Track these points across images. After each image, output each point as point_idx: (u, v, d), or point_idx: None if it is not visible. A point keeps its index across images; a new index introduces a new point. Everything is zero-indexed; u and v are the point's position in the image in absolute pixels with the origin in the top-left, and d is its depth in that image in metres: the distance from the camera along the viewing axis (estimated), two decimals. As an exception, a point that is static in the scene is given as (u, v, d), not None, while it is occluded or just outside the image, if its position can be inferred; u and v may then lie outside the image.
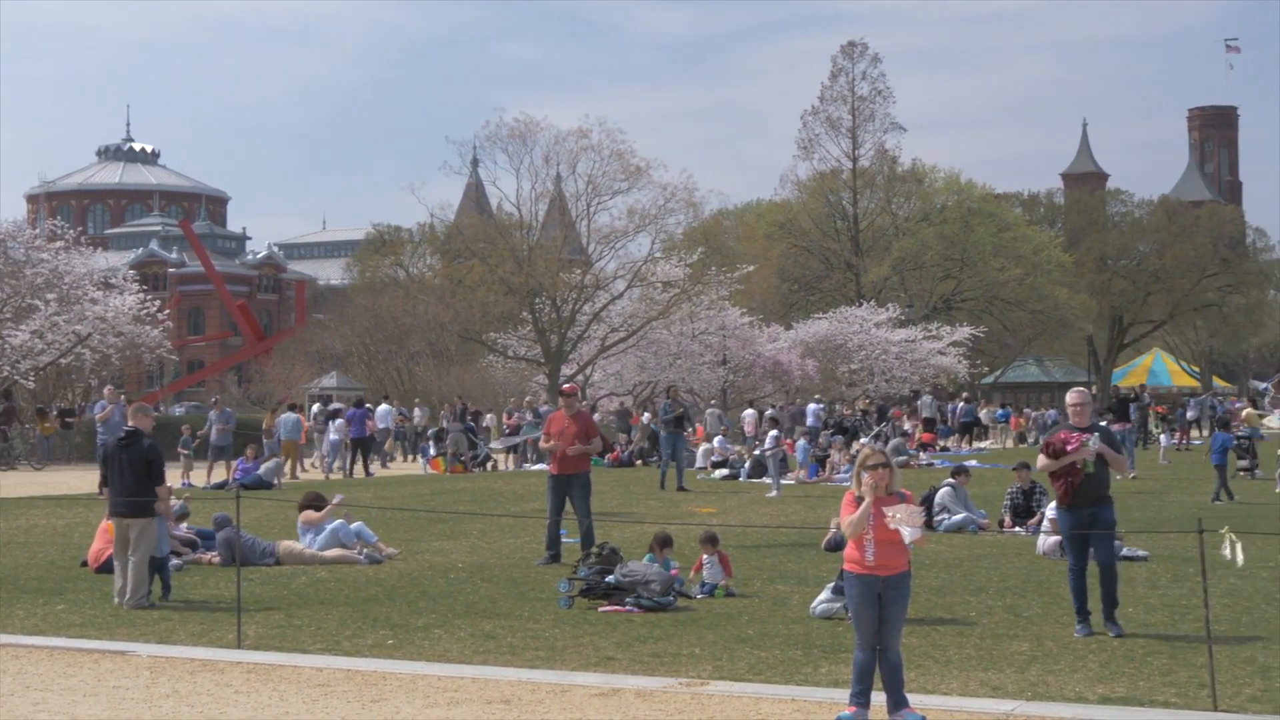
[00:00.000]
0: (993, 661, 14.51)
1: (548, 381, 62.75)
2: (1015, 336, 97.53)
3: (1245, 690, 13.19)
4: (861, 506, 12.10)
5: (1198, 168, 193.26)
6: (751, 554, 23.34)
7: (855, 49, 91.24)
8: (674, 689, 13.33)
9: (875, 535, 12.01)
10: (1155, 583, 20.21)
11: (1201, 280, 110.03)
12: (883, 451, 12.40)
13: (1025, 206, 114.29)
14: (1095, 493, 16.32)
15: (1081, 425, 16.39)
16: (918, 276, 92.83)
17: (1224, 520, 19.18)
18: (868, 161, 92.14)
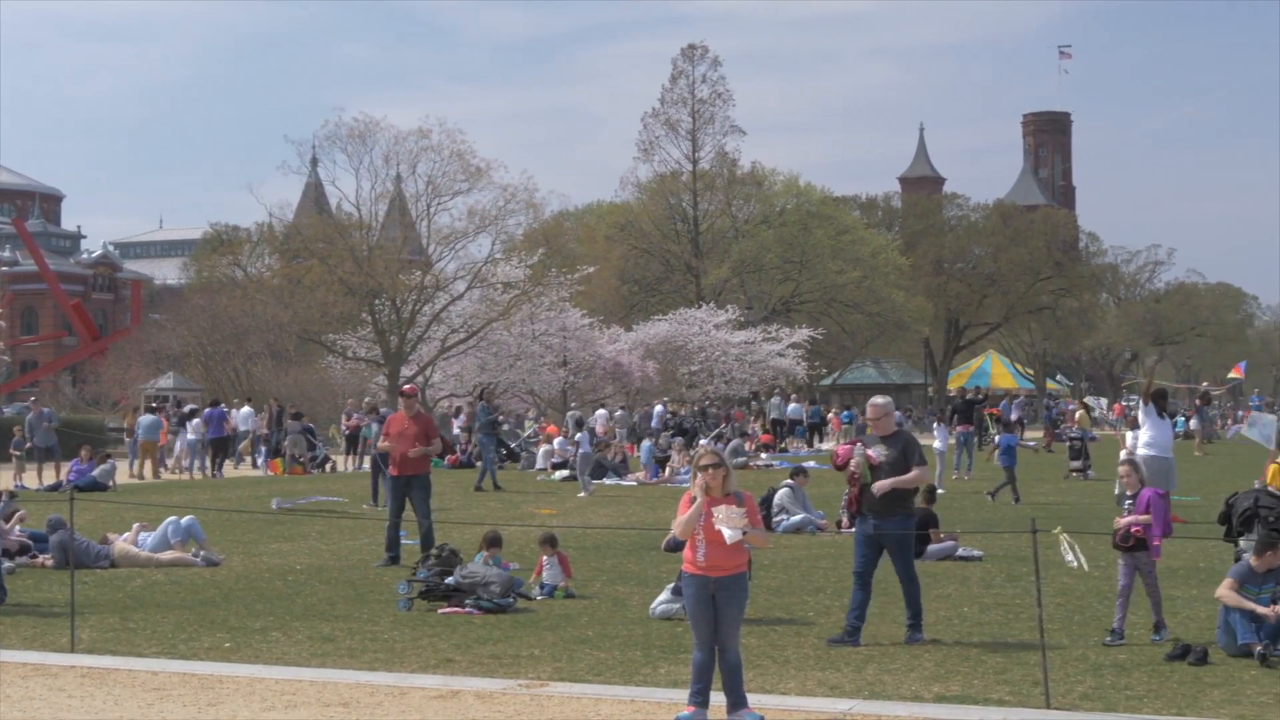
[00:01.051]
0: (830, 661, 14.64)
1: (387, 383, 62.43)
2: (853, 338, 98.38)
3: (1077, 688, 13.41)
4: (693, 507, 12.15)
5: (1032, 173, 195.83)
6: (591, 555, 23.38)
7: (695, 52, 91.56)
8: (513, 690, 13.33)
9: (706, 536, 12.05)
10: (990, 582, 20.48)
11: (1036, 283, 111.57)
12: (715, 452, 12.43)
13: (863, 210, 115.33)
14: (878, 502, 15.85)
15: (883, 434, 16.07)
16: (757, 279, 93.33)
17: (1057, 521, 19.50)
18: (708, 164, 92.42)
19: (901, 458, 15.80)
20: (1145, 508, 15.61)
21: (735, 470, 12.54)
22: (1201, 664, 14.37)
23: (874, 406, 16.46)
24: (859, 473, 15.89)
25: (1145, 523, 15.51)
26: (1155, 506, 15.61)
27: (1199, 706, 12.73)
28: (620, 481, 42.19)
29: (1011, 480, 33.98)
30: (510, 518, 29.90)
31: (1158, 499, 15.71)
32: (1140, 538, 15.53)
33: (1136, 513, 15.68)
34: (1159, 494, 15.87)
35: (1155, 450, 29.72)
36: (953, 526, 25.32)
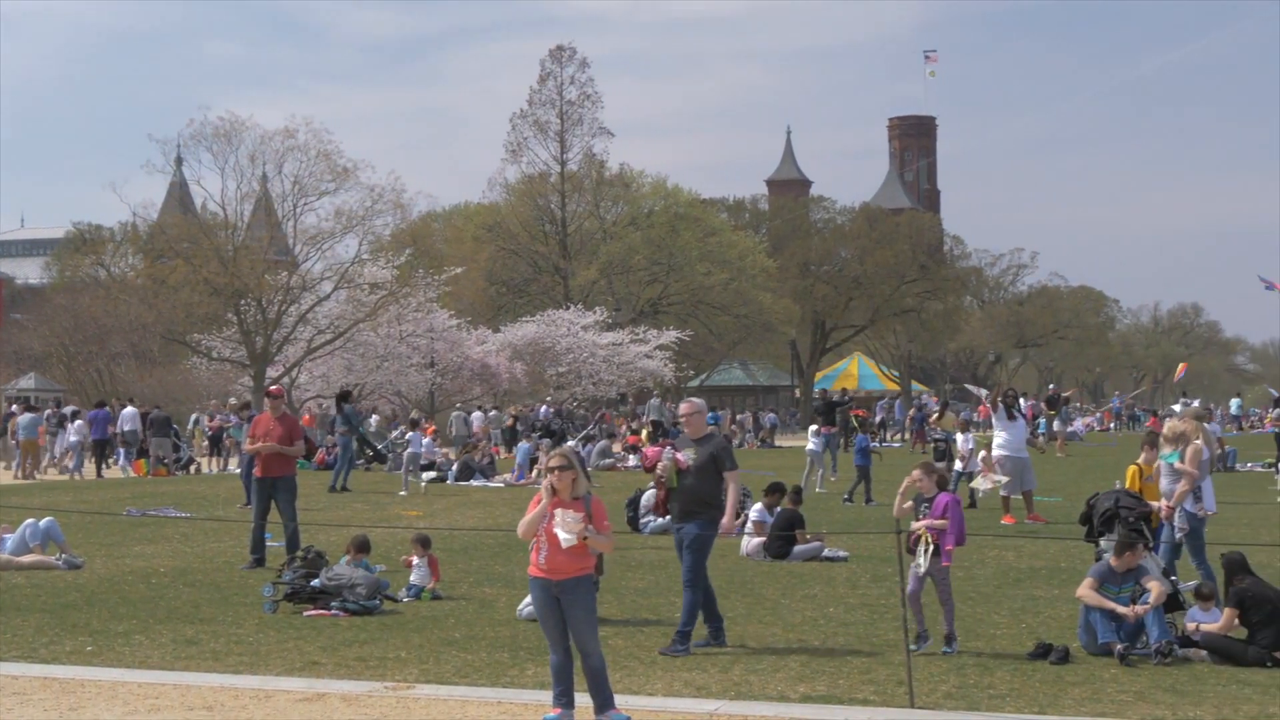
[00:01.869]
0: (697, 662, 14.69)
1: (253, 383, 61.96)
2: (720, 340, 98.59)
3: (941, 687, 13.54)
4: (537, 509, 12.15)
5: (898, 176, 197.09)
6: (459, 557, 23.33)
7: (564, 53, 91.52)
8: (379, 693, 13.28)
9: (549, 539, 12.03)
10: (855, 583, 20.62)
11: (901, 286, 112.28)
12: (564, 453, 12.39)
13: (731, 212, 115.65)
14: (682, 506, 15.61)
15: (695, 436, 15.75)
16: (625, 280, 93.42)
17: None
18: (576, 165, 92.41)
19: (710, 462, 15.52)
20: (941, 512, 15.35)
21: (604, 472, 12.49)
22: (1063, 663, 14.55)
23: (687, 405, 16.18)
24: (666, 476, 15.81)
25: (940, 527, 15.24)
26: (951, 512, 15.40)
27: (1060, 705, 12.89)
28: (488, 483, 42.10)
29: (865, 481, 34.22)
30: (377, 519, 29.79)
31: (954, 505, 15.52)
32: (934, 543, 15.25)
33: (932, 517, 15.37)
34: (956, 500, 15.68)
35: (1008, 450, 30.20)
36: (819, 527, 25.46)
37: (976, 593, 19.53)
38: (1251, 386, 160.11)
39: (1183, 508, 18.00)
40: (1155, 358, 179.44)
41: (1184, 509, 18.01)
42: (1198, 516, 18.09)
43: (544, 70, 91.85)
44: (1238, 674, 14.15)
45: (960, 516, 15.53)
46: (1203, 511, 18.32)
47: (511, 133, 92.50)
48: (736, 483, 15.73)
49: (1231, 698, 13.17)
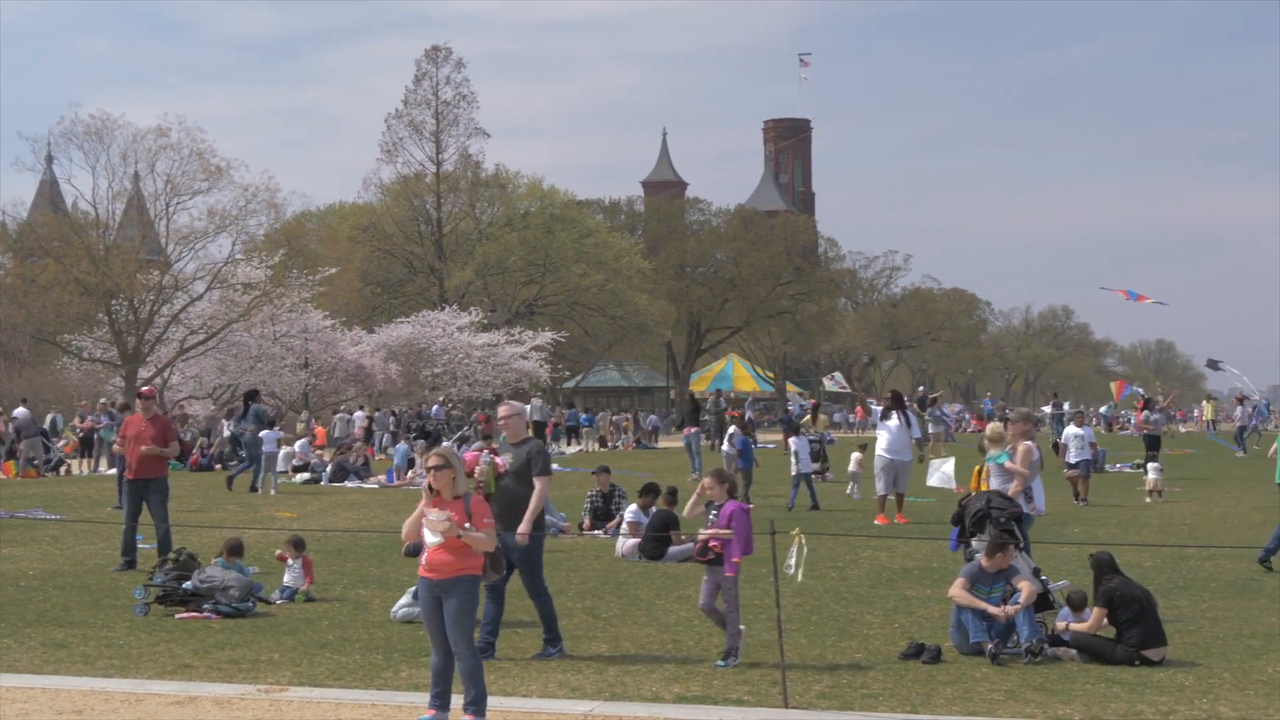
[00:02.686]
0: (572, 663, 14.70)
1: (124, 384, 61.29)
2: (596, 341, 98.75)
3: (815, 687, 13.62)
4: (417, 509, 12.14)
5: (773, 178, 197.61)
6: (333, 559, 23.21)
7: (439, 53, 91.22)
8: (252, 695, 13.19)
9: (430, 539, 12.04)
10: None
11: (776, 288, 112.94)
12: (442, 453, 12.36)
13: (606, 214, 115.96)
14: (500, 510, 14.97)
15: (514, 440, 15.53)
16: (501, 281, 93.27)
17: (796, 523, 19.78)
18: (451, 166, 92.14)
19: (526, 466, 15.28)
20: (726, 522, 14.88)
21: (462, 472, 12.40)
22: (935, 662, 14.68)
23: (505, 407, 15.97)
24: (484, 480, 15.70)
25: (725, 537, 14.78)
26: (738, 522, 14.92)
27: (932, 704, 13.01)
28: (362, 485, 41.91)
29: (747, 482, 34.30)
30: (250, 521, 29.58)
31: (741, 513, 15.02)
32: (719, 552, 14.86)
33: (718, 526, 14.94)
34: (743, 508, 15.17)
35: (891, 454, 30.42)
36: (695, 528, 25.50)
37: (850, 593, 19.67)
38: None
39: None
40: (1026, 359, 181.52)
41: None
42: (1029, 516, 18.13)
43: (419, 71, 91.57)
44: (1106, 672, 14.32)
45: (747, 525, 15.08)
46: (1034, 511, 18.47)
47: (387, 133, 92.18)
48: (544, 489, 15.30)
49: (1100, 696, 13.33)
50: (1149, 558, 23.19)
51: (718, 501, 15.13)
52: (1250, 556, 23.24)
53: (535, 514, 15.28)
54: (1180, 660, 14.86)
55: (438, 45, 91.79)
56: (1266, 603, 18.90)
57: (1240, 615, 17.79)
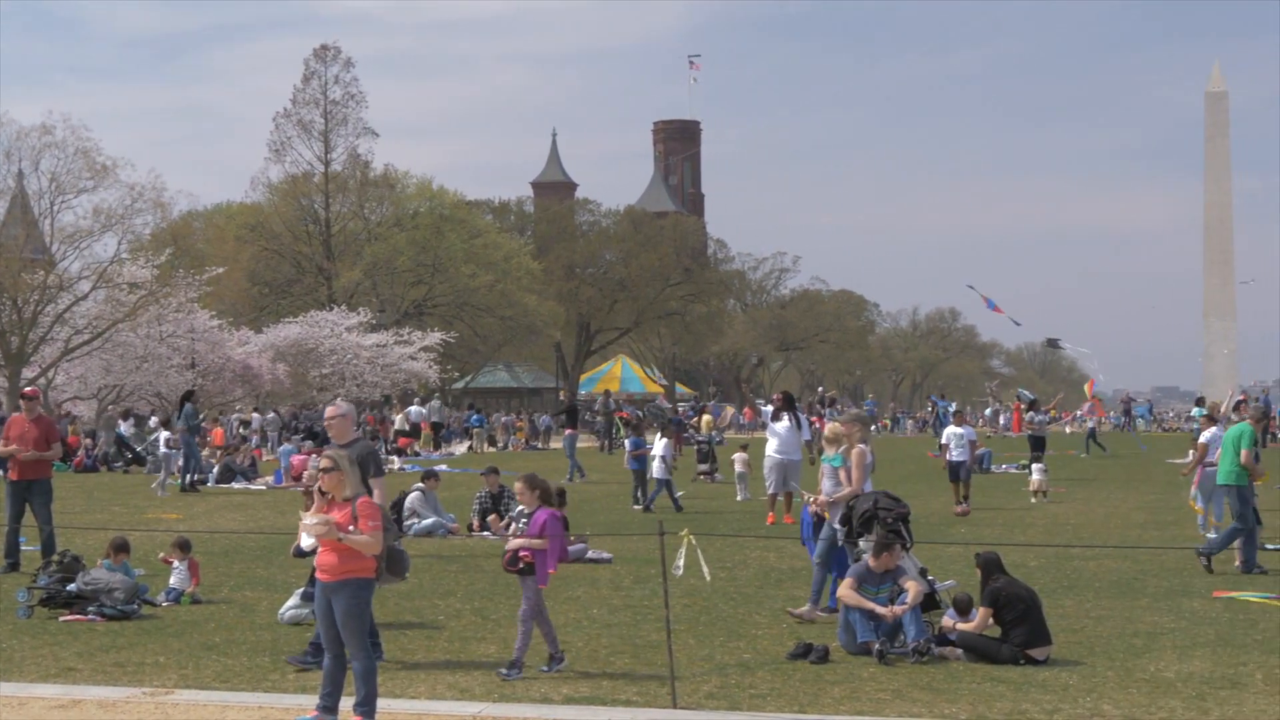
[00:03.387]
0: (461, 665, 14.68)
1: (7, 384, 60.53)
2: (485, 342, 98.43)
3: (703, 687, 13.66)
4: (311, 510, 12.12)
5: (662, 179, 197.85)
6: (219, 560, 23.05)
7: (328, 52, 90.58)
8: (137, 699, 13.09)
9: (320, 540, 12.02)
10: (619, 584, 20.72)
11: (665, 289, 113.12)
12: (331, 455, 12.33)
13: (496, 214, 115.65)
14: None
15: (340, 441, 15.11)
16: (390, 282, 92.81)
17: (685, 524, 19.83)
18: (340, 166, 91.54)
19: None
20: (539, 530, 14.42)
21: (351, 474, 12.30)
22: (823, 662, 14.76)
23: (332, 408, 15.70)
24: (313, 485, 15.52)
25: (538, 547, 14.31)
26: (550, 529, 14.45)
27: (820, 704, 13.08)
28: (249, 485, 41.66)
29: (641, 484, 34.32)
30: (136, 523, 29.31)
31: (554, 521, 14.53)
32: (529, 562, 14.35)
33: (530, 534, 14.45)
34: (555, 515, 14.63)
35: (782, 454, 30.56)
36: (583, 529, 25.54)
37: (739, 593, 19.74)
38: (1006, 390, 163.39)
39: None
40: (914, 361, 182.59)
41: None
42: None
43: (308, 69, 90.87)
44: (992, 672, 14.45)
45: (560, 534, 14.62)
46: None
47: (275, 132, 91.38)
48: (382, 490, 15.01)
49: (986, 695, 13.45)
50: (1034, 558, 23.41)
51: (529, 509, 14.73)
52: (1134, 556, 23.54)
53: None
54: (1065, 659, 15.01)
55: (326, 44, 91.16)
56: (1149, 602, 19.12)
57: (1123, 615, 17.99)
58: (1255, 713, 12.85)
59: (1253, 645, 15.88)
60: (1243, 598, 19.45)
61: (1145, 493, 37.88)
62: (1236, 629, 16.96)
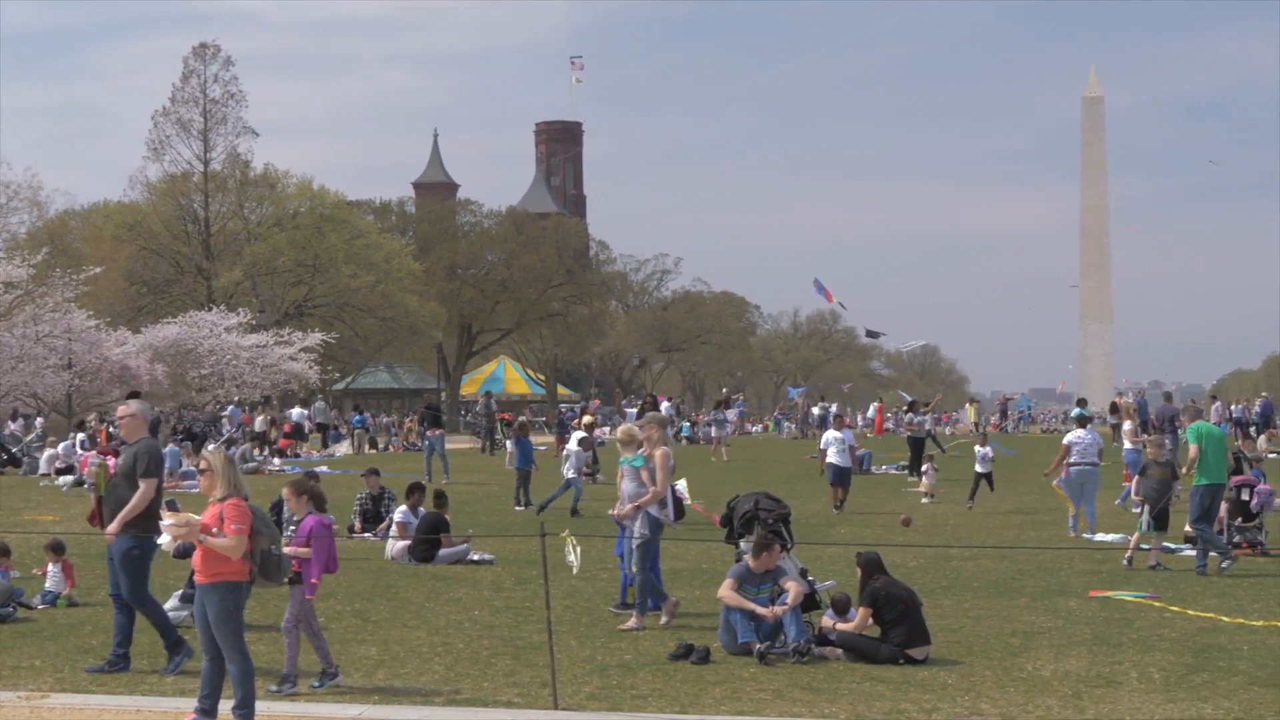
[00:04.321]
0: (340, 666, 14.60)
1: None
2: (366, 343, 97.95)
3: (585, 688, 13.68)
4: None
5: (545, 180, 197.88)
6: (96, 563, 22.78)
7: (208, 50, 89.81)
8: (13, 703, 12.94)
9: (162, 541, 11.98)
10: (500, 586, 20.71)
11: (547, 290, 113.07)
12: (205, 457, 12.28)
13: (377, 214, 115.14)
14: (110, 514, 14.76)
15: (131, 439, 14.87)
16: (270, 282, 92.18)
17: (566, 524, 19.84)
18: (219, 165, 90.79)
19: (134, 467, 14.66)
20: (305, 538, 14.13)
21: (247, 476, 12.31)
22: (704, 663, 14.81)
23: (124, 408, 15.30)
24: (95, 483, 15.28)
25: (304, 555, 14.00)
26: (317, 536, 14.17)
27: (701, 704, 13.12)
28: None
29: (524, 484, 34.28)
30: (11, 525, 28.94)
31: (321, 528, 14.26)
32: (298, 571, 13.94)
33: (296, 543, 14.10)
34: (324, 523, 14.39)
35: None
36: (464, 530, 25.49)
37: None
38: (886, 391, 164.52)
39: (647, 512, 17.39)
40: (795, 362, 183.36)
41: (648, 513, 17.41)
42: (659, 522, 17.55)
43: (187, 68, 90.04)
44: (871, 671, 14.55)
45: (328, 542, 14.36)
46: (665, 519, 17.97)
47: (153, 130, 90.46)
48: (147, 490, 14.55)
49: (866, 695, 13.54)
50: (914, 558, 23.60)
51: (298, 515, 14.46)
52: (1012, 556, 23.82)
53: (130, 516, 14.56)
54: (944, 659, 15.14)
55: (205, 42, 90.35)
56: (1027, 602, 19.32)
57: (1001, 614, 18.17)
58: (1130, 710, 13.02)
59: (1128, 644, 16.09)
60: (1118, 597, 19.69)
61: (1023, 494, 38.24)
62: (1112, 628, 17.18)
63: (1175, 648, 15.90)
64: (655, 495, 17.40)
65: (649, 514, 17.37)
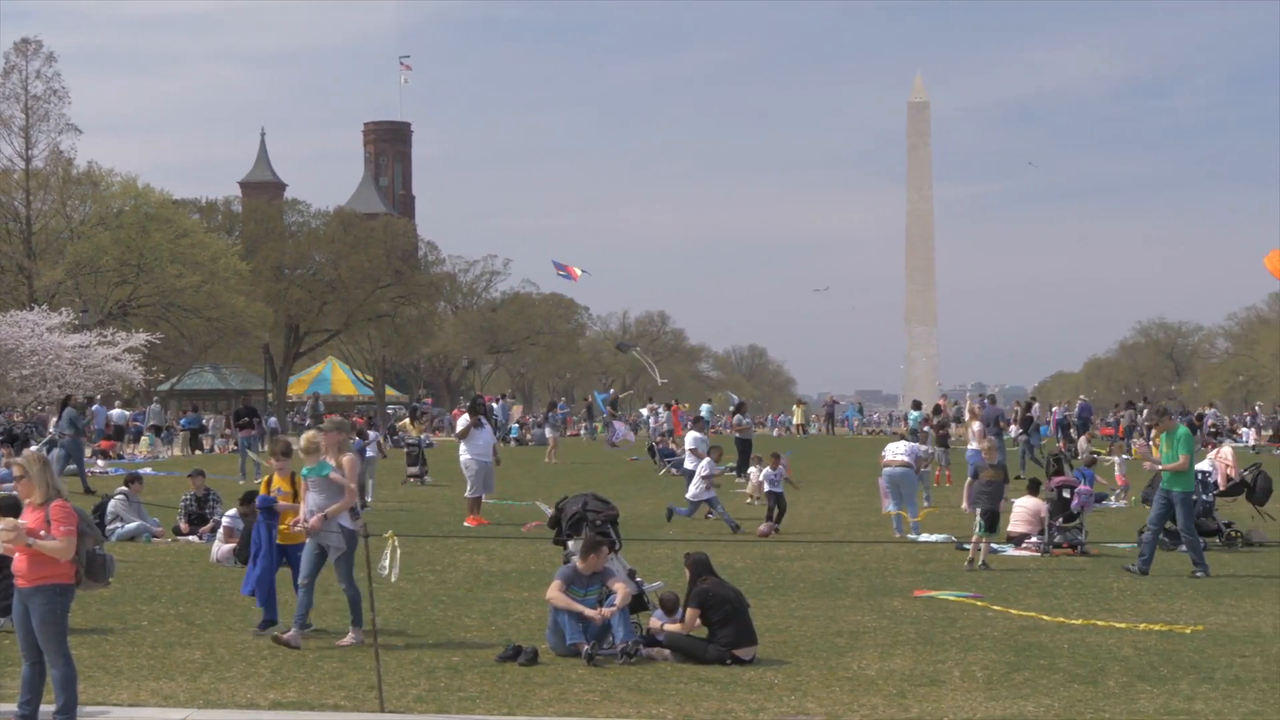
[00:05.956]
0: (165, 670, 14.45)
1: None
2: (192, 343, 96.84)
3: (412, 691, 13.63)
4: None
5: (373, 181, 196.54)
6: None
7: (29, 46, 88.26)
8: None
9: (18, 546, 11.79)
10: (327, 588, 20.54)
11: (375, 291, 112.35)
12: (21, 461, 12.10)
13: (203, 214, 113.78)
14: None
15: None
16: (93, 281, 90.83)
17: (392, 526, 19.72)
18: (41, 163, 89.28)
19: None
20: None
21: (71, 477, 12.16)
22: (532, 664, 14.81)
23: None
24: None
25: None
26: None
27: (529, 705, 13.13)
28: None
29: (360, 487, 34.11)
30: None
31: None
32: None
33: None
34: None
35: (472, 455, 30.72)
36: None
37: (448, 596, 19.72)
38: (715, 393, 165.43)
39: (338, 522, 16.46)
40: (624, 364, 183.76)
41: (340, 524, 16.47)
42: (354, 533, 16.51)
43: (8, 63, 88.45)
44: (699, 672, 14.62)
45: None
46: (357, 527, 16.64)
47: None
48: None
49: (693, 695, 13.61)
50: (741, 559, 23.76)
51: None
52: (838, 557, 24.06)
53: None
54: (770, 659, 15.26)
55: (28, 38, 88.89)
56: (852, 601, 19.52)
57: (827, 614, 18.34)
58: (953, 708, 13.19)
59: (951, 643, 16.30)
60: (943, 596, 19.95)
61: (849, 494, 38.61)
62: (936, 627, 17.40)
63: (997, 646, 16.14)
64: (346, 503, 16.45)
65: (342, 524, 16.40)
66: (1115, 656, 15.60)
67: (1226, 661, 15.38)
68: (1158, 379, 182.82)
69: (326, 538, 16.33)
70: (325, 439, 16.72)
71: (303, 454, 16.73)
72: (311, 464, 16.53)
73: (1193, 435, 24.71)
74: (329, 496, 16.37)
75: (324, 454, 16.52)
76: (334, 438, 16.76)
